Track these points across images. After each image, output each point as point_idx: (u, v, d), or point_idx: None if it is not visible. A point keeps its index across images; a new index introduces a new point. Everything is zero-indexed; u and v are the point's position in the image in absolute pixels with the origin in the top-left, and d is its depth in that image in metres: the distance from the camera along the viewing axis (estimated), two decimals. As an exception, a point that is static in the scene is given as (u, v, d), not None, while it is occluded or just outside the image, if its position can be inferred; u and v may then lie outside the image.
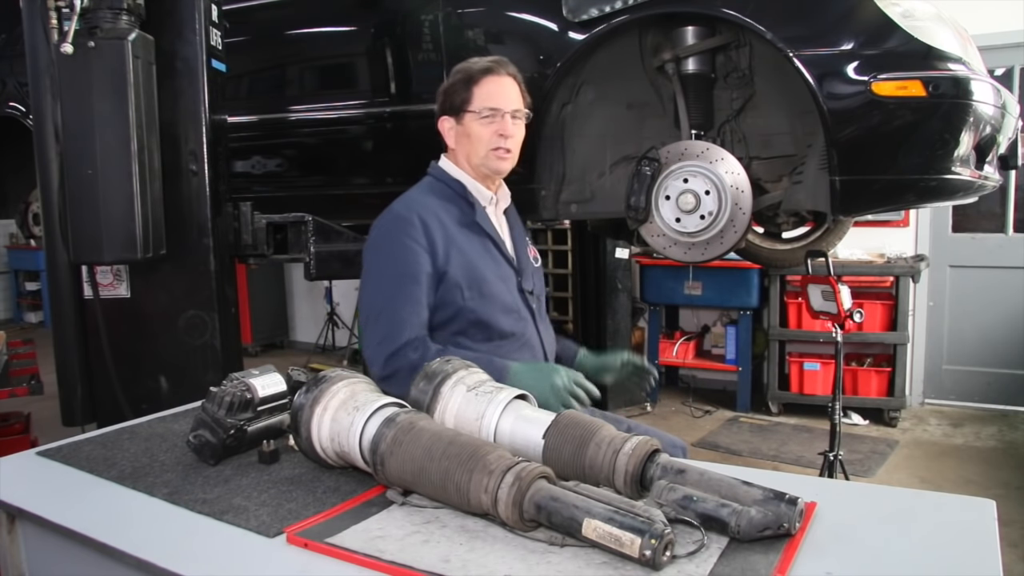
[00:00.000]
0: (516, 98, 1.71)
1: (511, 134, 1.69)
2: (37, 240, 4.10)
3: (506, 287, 1.73)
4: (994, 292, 4.58)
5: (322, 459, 1.20)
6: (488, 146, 1.69)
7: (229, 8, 2.45)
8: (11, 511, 1.18)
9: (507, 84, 1.70)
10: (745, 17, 2.08)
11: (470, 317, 1.66)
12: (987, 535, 0.97)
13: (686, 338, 5.02)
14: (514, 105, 1.71)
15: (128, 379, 2.20)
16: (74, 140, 1.93)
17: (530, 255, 1.84)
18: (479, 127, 1.69)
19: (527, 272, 1.80)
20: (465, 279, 1.66)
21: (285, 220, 2.44)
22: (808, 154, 2.33)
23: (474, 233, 1.72)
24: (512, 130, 1.70)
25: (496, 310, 1.69)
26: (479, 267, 1.69)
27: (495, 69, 1.69)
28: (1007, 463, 3.79)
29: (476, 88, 1.69)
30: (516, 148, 1.73)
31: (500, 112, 1.68)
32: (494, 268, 1.72)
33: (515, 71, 1.73)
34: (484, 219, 1.74)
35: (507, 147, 1.70)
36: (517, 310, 1.74)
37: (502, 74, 1.69)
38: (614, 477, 1.05)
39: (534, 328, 1.77)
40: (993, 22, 4.08)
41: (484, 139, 1.69)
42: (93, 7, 1.90)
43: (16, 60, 2.71)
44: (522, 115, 1.73)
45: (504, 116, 1.69)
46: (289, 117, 2.95)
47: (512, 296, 1.73)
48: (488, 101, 1.68)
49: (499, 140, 1.69)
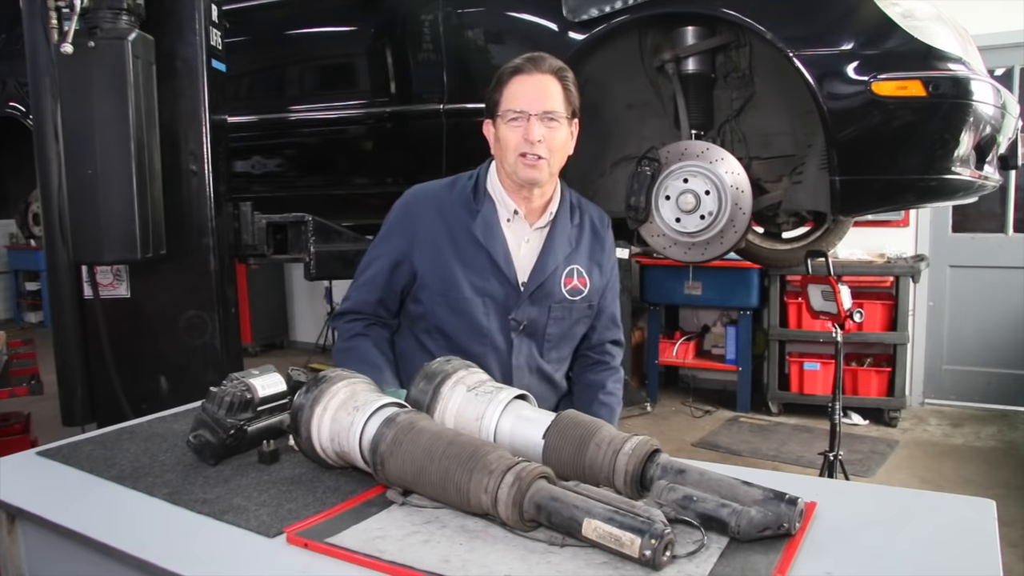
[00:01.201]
0: (550, 98, 1.53)
1: (535, 139, 1.51)
2: (37, 240, 4.10)
3: (484, 308, 1.58)
4: (994, 292, 4.58)
5: (322, 459, 1.20)
6: (515, 152, 1.54)
7: (229, 8, 2.45)
8: (11, 511, 1.18)
9: (539, 83, 1.53)
10: (745, 17, 2.08)
11: (433, 322, 1.61)
12: (987, 535, 0.97)
13: (686, 338, 5.02)
14: (545, 106, 1.52)
15: (128, 379, 2.20)
16: (74, 140, 1.93)
17: (563, 284, 1.62)
18: (506, 131, 1.55)
19: (533, 301, 1.60)
20: (437, 283, 1.58)
21: (285, 220, 2.44)
22: (808, 154, 2.33)
23: (472, 242, 1.59)
24: (538, 134, 1.52)
25: (462, 327, 1.59)
26: (457, 277, 1.57)
27: (525, 67, 1.54)
28: (1007, 463, 3.79)
29: (505, 89, 1.55)
30: (552, 155, 1.55)
31: (525, 114, 1.52)
32: (479, 284, 1.58)
33: (556, 67, 1.55)
34: (487, 231, 1.59)
35: (537, 153, 1.53)
36: (488, 336, 1.59)
37: (533, 72, 1.53)
38: (614, 477, 1.05)
39: (506, 363, 1.60)
40: (993, 22, 4.08)
41: (511, 145, 1.54)
42: (93, 7, 1.91)
43: (16, 60, 2.71)
44: (560, 117, 1.54)
45: (530, 119, 1.52)
46: (289, 117, 2.96)
47: (488, 319, 1.59)
48: (512, 103, 1.54)
49: (525, 146, 1.52)
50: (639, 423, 4.60)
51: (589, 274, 1.65)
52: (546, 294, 1.61)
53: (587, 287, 1.64)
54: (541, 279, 1.60)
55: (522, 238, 1.62)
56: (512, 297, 1.59)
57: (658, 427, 4.52)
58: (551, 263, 1.61)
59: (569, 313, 1.64)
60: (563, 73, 1.56)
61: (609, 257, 1.72)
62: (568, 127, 1.58)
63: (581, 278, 1.64)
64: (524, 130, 1.52)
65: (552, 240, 1.62)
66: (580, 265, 1.64)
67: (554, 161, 1.56)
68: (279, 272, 6.89)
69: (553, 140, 1.54)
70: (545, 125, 1.53)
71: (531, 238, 1.62)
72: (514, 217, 1.61)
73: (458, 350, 1.55)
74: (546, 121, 1.53)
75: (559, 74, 1.55)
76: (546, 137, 1.53)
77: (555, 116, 1.53)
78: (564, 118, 1.55)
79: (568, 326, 1.66)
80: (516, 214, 1.61)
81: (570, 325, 1.66)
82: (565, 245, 1.63)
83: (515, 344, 1.60)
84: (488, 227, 1.59)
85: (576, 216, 1.67)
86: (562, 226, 1.64)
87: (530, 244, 1.62)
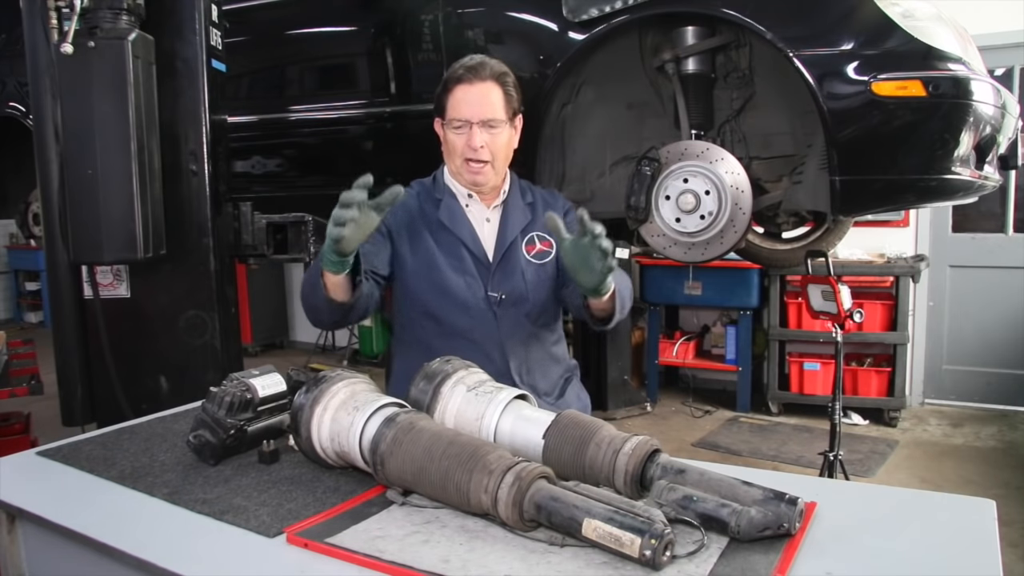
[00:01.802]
0: (490, 106, 1.62)
1: (477, 146, 1.62)
2: (37, 240, 4.11)
3: (466, 285, 1.67)
4: (994, 292, 4.58)
5: (322, 459, 1.20)
6: (460, 156, 1.65)
7: (229, 8, 2.45)
8: (11, 511, 1.18)
9: (480, 92, 1.62)
10: (745, 17, 2.08)
11: (421, 308, 1.68)
12: (987, 535, 0.97)
13: (686, 338, 5.02)
14: (486, 114, 1.62)
15: (128, 379, 2.20)
16: (74, 140, 1.93)
17: (526, 252, 1.71)
18: (452, 137, 1.65)
19: (504, 273, 1.69)
20: (422, 266, 1.66)
21: (285, 220, 2.44)
22: (808, 154, 2.33)
23: (441, 227, 1.68)
24: (480, 141, 1.62)
25: (449, 306, 1.66)
26: (438, 259, 1.66)
27: (466, 77, 1.62)
28: (1007, 463, 3.79)
29: (450, 96, 1.64)
30: (495, 159, 1.65)
31: (468, 123, 1.62)
32: (456, 264, 1.67)
33: (497, 72, 1.64)
34: (451, 216, 1.69)
35: (480, 159, 1.64)
36: (476, 311, 1.67)
37: (475, 82, 1.61)
38: (614, 477, 1.05)
39: (494, 330, 1.67)
40: (993, 22, 4.08)
41: (456, 150, 1.65)
42: (93, 7, 1.91)
43: (16, 60, 2.71)
44: (500, 123, 1.63)
45: (472, 127, 1.62)
46: (289, 117, 2.96)
47: (473, 295, 1.67)
48: (455, 111, 1.63)
49: (469, 152, 1.63)
50: (639, 423, 4.60)
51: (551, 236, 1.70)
52: (513, 264, 1.70)
53: (552, 248, 1.72)
54: (503, 250, 1.69)
55: (482, 218, 1.72)
56: (485, 274, 1.68)
57: (658, 427, 4.52)
58: (510, 235, 1.71)
59: (544, 276, 1.72)
60: (504, 78, 1.64)
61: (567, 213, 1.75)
62: (510, 128, 1.68)
63: (544, 242, 1.73)
64: (467, 137, 1.62)
65: (507, 216, 1.73)
66: (539, 231, 1.73)
67: (498, 163, 1.67)
68: (279, 272, 6.90)
69: (496, 144, 1.65)
70: (487, 132, 1.63)
71: (490, 217, 1.73)
72: (470, 201, 1.72)
73: (450, 332, 1.65)
74: (487, 128, 1.63)
75: (500, 80, 1.64)
76: (488, 143, 1.63)
77: (495, 123, 1.63)
78: (505, 122, 1.65)
79: (548, 289, 1.72)
80: (471, 198, 1.71)
81: (550, 288, 1.72)
82: (520, 218, 1.73)
83: (499, 316, 1.67)
84: (451, 213, 1.70)
85: (528, 195, 1.78)
86: (515, 203, 1.74)
87: (491, 223, 1.73)
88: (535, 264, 1.71)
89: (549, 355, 1.76)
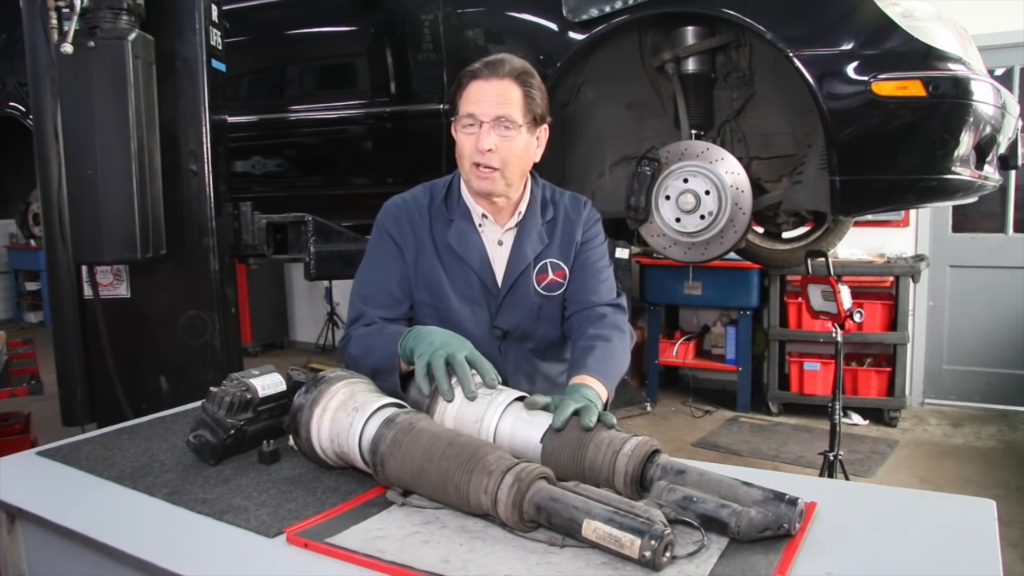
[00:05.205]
0: (505, 104, 1.41)
1: (485, 148, 1.41)
2: (37, 240, 4.10)
3: (473, 316, 1.53)
4: (994, 292, 4.58)
5: (322, 459, 1.20)
6: (469, 160, 1.45)
7: (229, 8, 2.45)
8: (11, 511, 1.18)
9: (496, 88, 1.41)
10: (745, 17, 2.08)
11: None
12: (987, 535, 0.97)
13: (686, 338, 5.02)
14: (497, 111, 1.41)
15: (128, 379, 2.20)
16: (74, 140, 1.93)
17: (537, 282, 1.54)
18: (461, 138, 1.45)
19: (512, 304, 1.54)
20: (427, 294, 1.53)
21: (285, 220, 2.44)
22: (808, 154, 2.33)
23: (450, 252, 1.52)
24: (489, 143, 1.41)
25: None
26: (445, 287, 1.52)
27: (482, 73, 1.42)
28: (1007, 463, 3.79)
29: (463, 92, 1.45)
30: (507, 166, 1.44)
31: (478, 121, 1.41)
32: (465, 292, 1.52)
33: (519, 70, 1.44)
34: (461, 239, 1.52)
35: (489, 164, 1.43)
36: (479, 338, 1.47)
37: (491, 78, 1.41)
38: (614, 478, 1.05)
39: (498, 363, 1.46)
40: (993, 22, 4.08)
41: (465, 152, 1.45)
42: (93, 7, 1.91)
43: (16, 60, 2.71)
44: (515, 124, 1.42)
45: (482, 126, 1.41)
46: (289, 117, 2.96)
47: (477, 327, 1.52)
48: (466, 107, 1.43)
49: (477, 155, 1.42)
50: (639, 423, 4.60)
51: (566, 264, 1.57)
52: (522, 295, 1.54)
53: (565, 279, 1.56)
54: (513, 279, 1.53)
55: (495, 240, 1.55)
56: (492, 303, 1.54)
57: (658, 427, 4.52)
58: (521, 263, 1.54)
59: (553, 311, 1.57)
60: (525, 78, 1.44)
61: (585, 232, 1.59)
62: (528, 134, 1.46)
63: (558, 271, 1.55)
64: (476, 138, 1.42)
65: (521, 240, 1.54)
66: (554, 258, 1.56)
67: (510, 172, 1.45)
68: (279, 272, 6.89)
69: (508, 150, 1.43)
70: (498, 133, 1.42)
71: (503, 239, 1.55)
72: (484, 221, 1.54)
73: None
74: (499, 129, 1.41)
75: (520, 79, 1.43)
76: (499, 147, 1.42)
77: (509, 123, 1.41)
78: (521, 125, 1.43)
79: (557, 324, 1.59)
80: (485, 218, 1.54)
81: (559, 322, 1.59)
82: (536, 243, 1.54)
83: (503, 350, 1.55)
84: (462, 235, 1.52)
85: (549, 211, 1.58)
86: (532, 224, 1.55)
87: (503, 247, 1.55)
88: (544, 296, 1.55)
89: (554, 385, 1.60)
